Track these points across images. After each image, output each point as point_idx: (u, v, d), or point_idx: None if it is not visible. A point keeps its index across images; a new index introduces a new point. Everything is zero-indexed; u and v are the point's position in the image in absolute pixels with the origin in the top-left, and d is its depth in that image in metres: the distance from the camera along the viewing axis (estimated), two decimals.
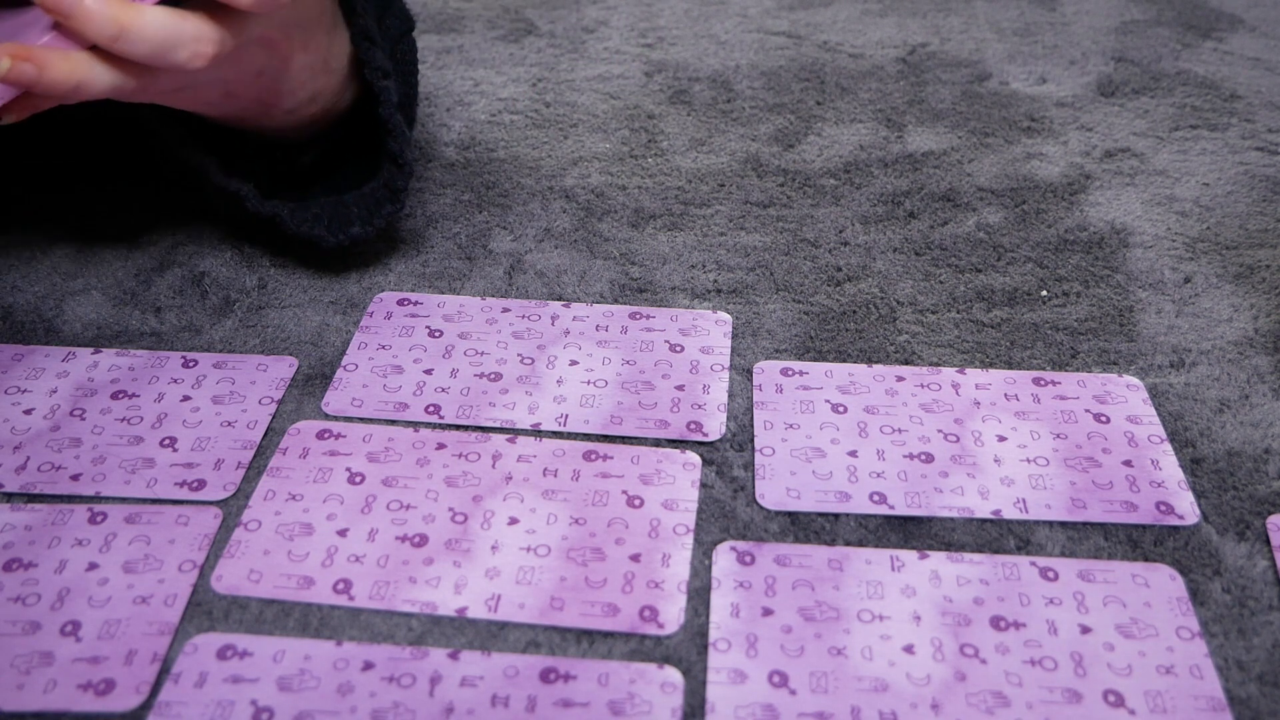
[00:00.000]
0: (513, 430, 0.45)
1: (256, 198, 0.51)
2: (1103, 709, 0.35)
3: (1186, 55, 0.76)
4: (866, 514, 0.42)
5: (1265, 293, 0.53)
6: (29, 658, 0.36)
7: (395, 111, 0.49)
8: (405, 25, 0.55)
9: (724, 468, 0.44)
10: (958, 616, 0.38)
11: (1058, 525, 0.42)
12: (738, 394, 0.47)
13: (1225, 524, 0.42)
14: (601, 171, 0.63)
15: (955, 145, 0.65)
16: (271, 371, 0.48)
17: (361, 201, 0.51)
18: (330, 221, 0.51)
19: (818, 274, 0.55)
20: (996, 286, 0.54)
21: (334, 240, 0.51)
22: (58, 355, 0.49)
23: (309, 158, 0.54)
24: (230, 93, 0.45)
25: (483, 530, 0.41)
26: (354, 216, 0.51)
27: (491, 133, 0.66)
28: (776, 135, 0.66)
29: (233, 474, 0.43)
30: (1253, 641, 0.38)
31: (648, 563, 0.40)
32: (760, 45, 0.77)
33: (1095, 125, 0.67)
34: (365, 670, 0.36)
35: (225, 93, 0.45)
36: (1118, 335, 0.51)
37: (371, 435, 0.45)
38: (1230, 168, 0.63)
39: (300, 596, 0.39)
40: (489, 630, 0.38)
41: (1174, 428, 0.46)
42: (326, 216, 0.51)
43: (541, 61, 0.75)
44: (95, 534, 0.41)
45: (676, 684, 0.36)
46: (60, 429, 0.45)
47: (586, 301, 0.53)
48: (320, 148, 0.54)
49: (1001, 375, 0.48)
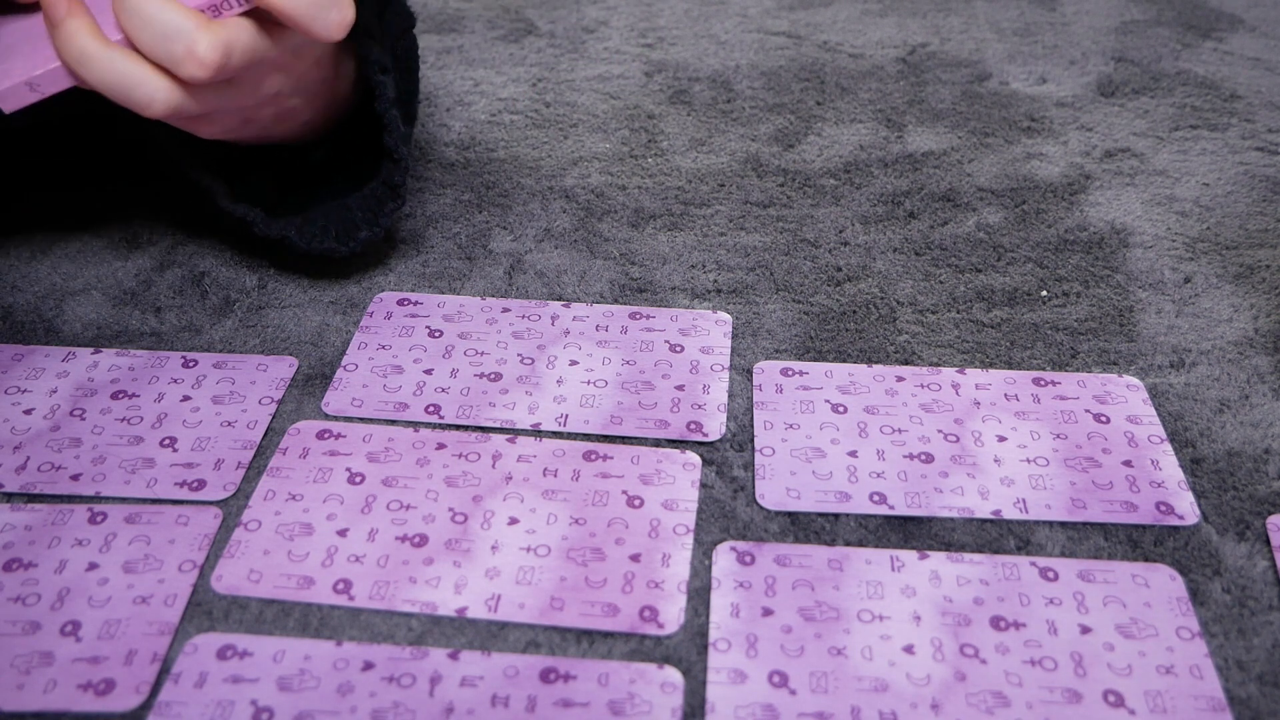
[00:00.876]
0: (513, 430, 0.45)
1: (264, 220, 0.51)
2: (1103, 709, 0.35)
3: (1186, 55, 0.76)
4: (866, 514, 0.42)
5: (1265, 293, 0.53)
6: (29, 658, 0.36)
7: (391, 107, 0.49)
8: (406, 22, 0.55)
9: (724, 468, 0.44)
10: (958, 616, 0.38)
11: (1058, 525, 0.42)
12: (738, 394, 0.47)
13: (1225, 524, 0.42)
14: (601, 171, 0.63)
15: (955, 145, 0.65)
16: (271, 371, 0.48)
17: (364, 203, 0.51)
18: (338, 230, 0.51)
19: (818, 274, 0.55)
20: (996, 286, 0.54)
21: (345, 249, 0.51)
22: (58, 355, 0.49)
23: (320, 154, 0.54)
24: (248, 119, 0.46)
25: (483, 530, 0.41)
26: (359, 220, 0.51)
27: (491, 133, 0.66)
28: (776, 135, 0.66)
29: (233, 474, 0.43)
30: (1253, 641, 0.38)
31: (648, 563, 0.40)
32: (760, 45, 0.77)
33: (1095, 125, 0.67)
34: (365, 670, 0.36)
35: (243, 120, 0.45)
36: (1118, 335, 0.51)
37: (371, 435, 0.45)
38: (1230, 168, 0.63)
39: (300, 596, 0.39)
40: (489, 630, 0.38)
41: (1174, 428, 0.46)
42: (334, 227, 0.51)
43: (541, 61, 0.75)
44: (95, 534, 0.41)
45: (676, 684, 0.36)
46: (60, 429, 0.45)
47: (586, 301, 0.53)
48: (330, 145, 0.54)
49: (1001, 375, 0.48)
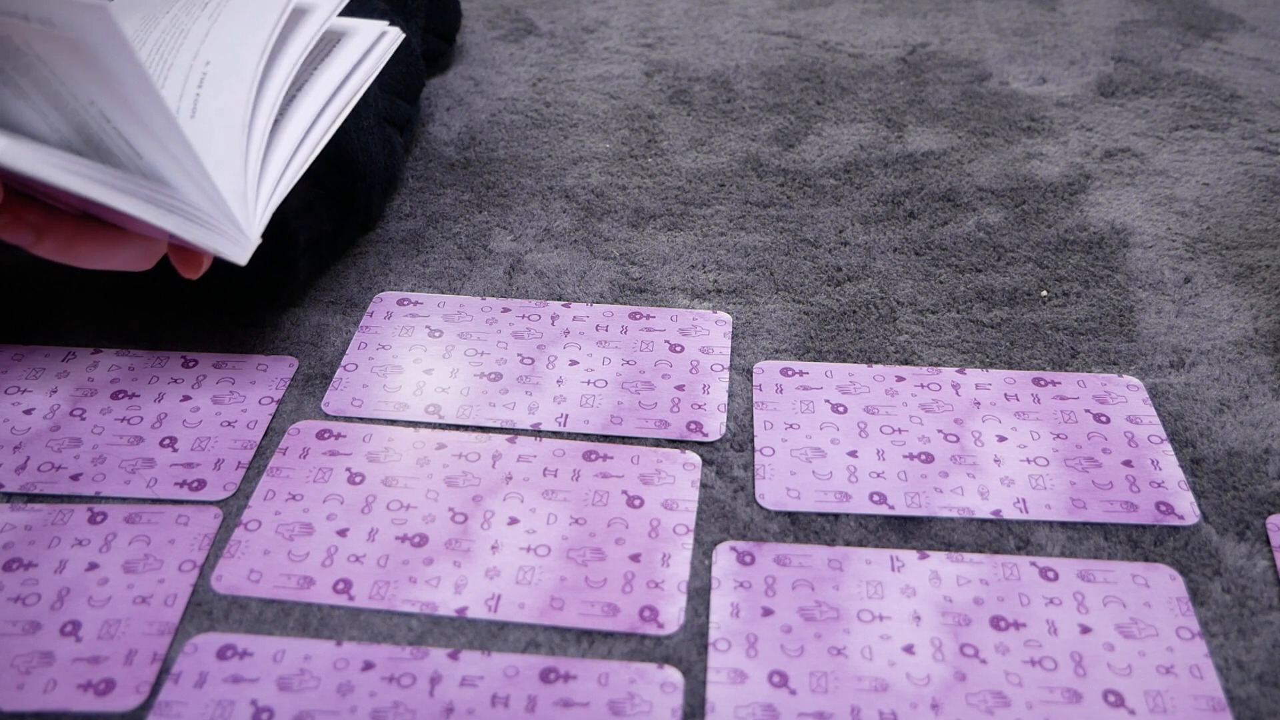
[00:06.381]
0: (513, 430, 0.45)
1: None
2: (1103, 709, 0.35)
3: (1186, 55, 0.76)
4: (866, 514, 0.42)
5: (1265, 293, 0.53)
6: (29, 658, 0.36)
7: (299, 256, 0.50)
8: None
9: (724, 468, 0.44)
10: (958, 616, 0.38)
11: (1058, 525, 0.42)
12: (738, 394, 0.47)
13: (1225, 524, 0.42)
14: (601, 171, 0.63)
15: (955, 145, 0.65)
16: (271, 371, 0.48)
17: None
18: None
19: (818, 274, 0.55)
20: (996, 286, 0.54)
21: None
22: (58, 355, 0.49)
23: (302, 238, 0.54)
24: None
25: (483, 530, 0.41)
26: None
27: (491, 133, 0.66)
28: (776, 135, 0.66)
29: (233, 474, 0.43)
30: (1253, 641, 0.38)
31: (648, 563, 0.40)
32: (760, 45, 0.77)
33: (1095, 125, 0.67)
34: (365, 670, 0.36)
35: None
36: (1118, 335, 0.51)
37: (371, 435, 0.45)
38: (1230, 168, 0.63)
39: (300, 596, 0.39)
40: (489, 630, 0.38)
41: (1174, 428, 0.46)
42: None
43: (541, 61, 0.75)
44: (95, 534, 0.41)
45: (676, 684, 0.36)
46: (60, 429, 0.45)
47: (586, 301, 0.53)
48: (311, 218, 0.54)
49: (1001, 375, 0.48)
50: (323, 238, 0.52)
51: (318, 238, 0.52)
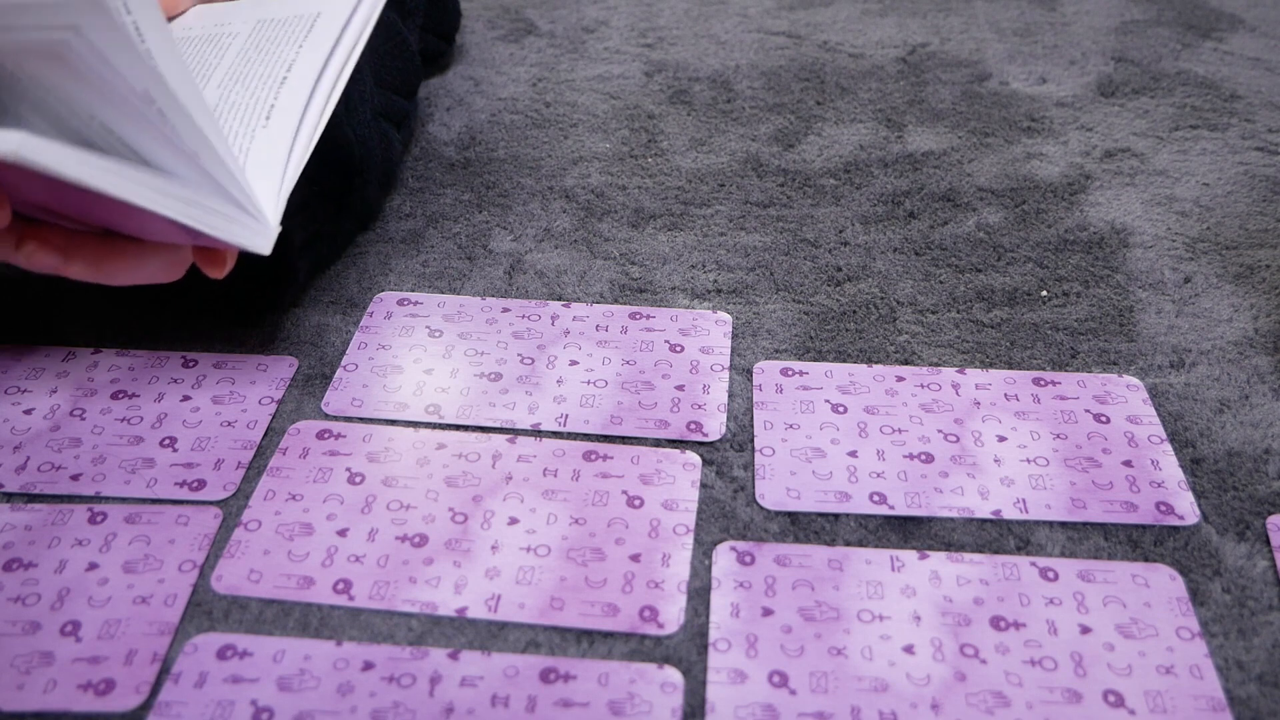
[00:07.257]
0: (513, 430, 0.45)
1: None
2: (1103, 709, 0.35)
3: (1186, 55, 0.76)
4: (866, 514, 0.42)
5: (1265, 293, 0.53)
6: (29, 658, 0.36)
7: (296, 256, 0.50)
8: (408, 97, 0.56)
9: (724, 468, 0.44)
10: (958, 616, 0.38)
11: (1058, 525, 0.42)
12: (738, 394, 0.47)
13: (1225, 524, 0.42)
14: (601, 171, 0.63)
15: (955, 145, 0.65)
16: (271, 371, 0.48)
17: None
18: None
19: (818, 274, 0.55)
20: (996, 286, 0.54)
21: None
22: (58, 355, 0.49)
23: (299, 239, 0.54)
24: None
25: (483, 530, 0.41)
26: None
27: (491, 133, 0.66)
28: (776, 135, 0.66)
29: (233, 474, 0.43)
30: (1253, 641, 0.38)
31: (648, 563, 0.40)
32: (760, 45, 0.77)
33: (1095, 125, 0.67)
34: (365, 670, 0.36)
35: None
36: (1118, 335, 0.51)
37: (371, 435, 0.45)
38: (1230, 168, 0.63)
39: (300, 596, 0.39)
40: (489, 630, 0.38)
41: (1174, 428, 0.46)
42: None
43: (541, 61, 0.75)
44: (95, 534, 0.41)
45: (676, 684, 0.36)
46: (60, 429, 0.45)
47: (586, 301, 0.53)
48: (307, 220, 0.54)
49: (1001, 375, 0.48)
50: (320, 237, 0.52)
51: (314, 237, 0.52)
